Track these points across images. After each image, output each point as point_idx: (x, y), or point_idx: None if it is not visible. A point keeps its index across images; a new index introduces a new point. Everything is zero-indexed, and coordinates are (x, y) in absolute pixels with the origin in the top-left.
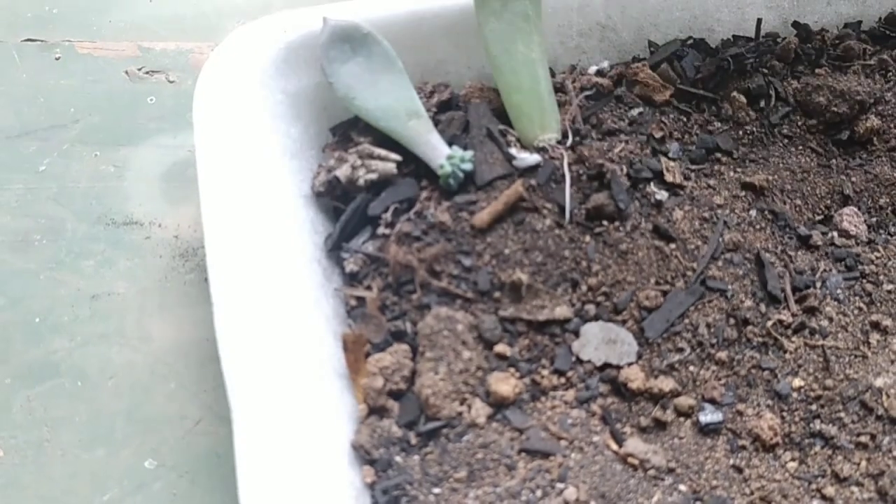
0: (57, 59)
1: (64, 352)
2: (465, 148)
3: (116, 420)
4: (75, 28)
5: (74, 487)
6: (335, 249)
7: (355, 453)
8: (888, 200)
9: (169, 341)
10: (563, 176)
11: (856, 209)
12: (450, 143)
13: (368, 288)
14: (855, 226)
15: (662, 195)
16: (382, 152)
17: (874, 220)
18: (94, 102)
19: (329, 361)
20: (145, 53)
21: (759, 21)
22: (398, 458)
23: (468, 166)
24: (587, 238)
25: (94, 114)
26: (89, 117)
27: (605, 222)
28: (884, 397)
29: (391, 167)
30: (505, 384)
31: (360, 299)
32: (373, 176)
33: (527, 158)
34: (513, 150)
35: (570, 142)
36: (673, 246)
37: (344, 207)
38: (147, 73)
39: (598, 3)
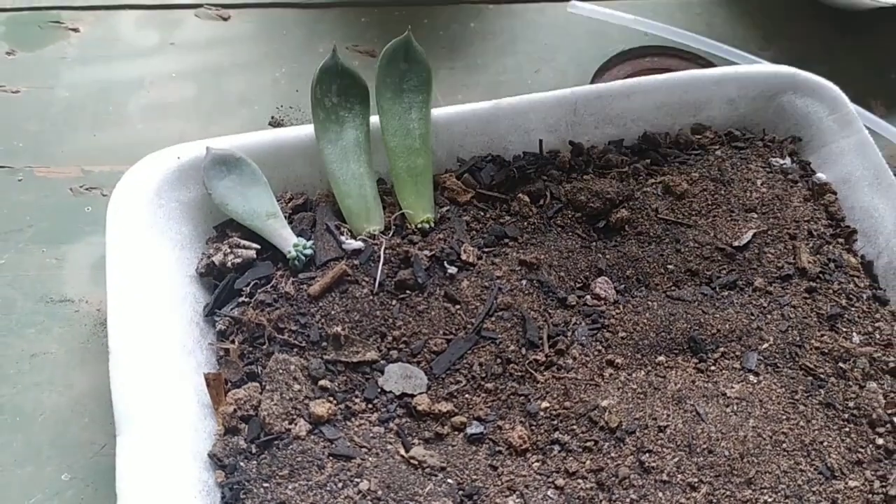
0: (19, 180)
1: (7, 396)
2: (309, 239)
3: (43, 445)
4: (35, 157)
5: (8, 495)
6: (210, 315)
7: (211, 461)
8: (633, 272)
9: (87, 388)
10: (379, 257)
11: (607, 279)
12: (300, 236)
13: (232, 342)
14: (605, 291)
15: (454, 270)
16: (246, 243)
17: (622, 286)
18: (45, 212)
19: (197, 395)
20: (87, 174)
21: (541, 141)
22: (242, 463)
23: (309, 252)
24: (394, 302)
25: (44, 221)
26: (40, 223)
27: (408, 291)
28: (606, 414)
29: (251, 254)
30: (321, 407)
31: (226, 350)
32: (238, 260)
33: (352, 244)
34: (343, 238)
35: (391, 233)
36: (458, 307)
37: (218, 283)
38: (87, 189)
39: None
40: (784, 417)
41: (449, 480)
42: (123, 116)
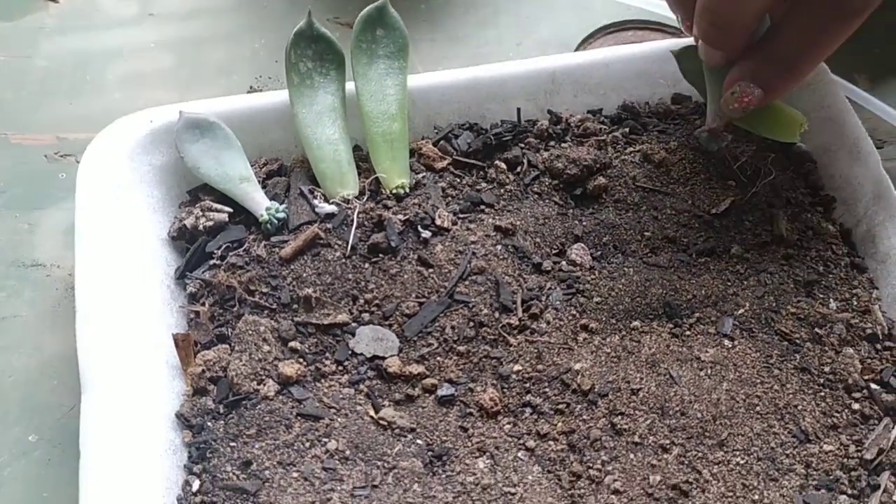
0: None
1: None
2: (283, 203)
3: (11, 407)
4: (10, 124)
5: None
6: (181, 278)
7: (178, 421)
8: (609, 238)
9: (56, 351)
10: (352, 221)
11: (583, 245)
12: (274, 200)
13: (202, 304)
14: (581, 257)
15: (428, 235)
16: (218, 206)
17: (599, 253)
18: (19, 178)
19: (166, 357)
20: (61, 142)
21: (519, 110)
22: (209, 423)
23: (282, 215)
24: (366, 266)
25: (18, 187)
26: (14, 189)
27: (381, 255)
28: (579, 377)
29: (224, 217)
30: (290, 368)
31: (197, 312)
32: (210, 223)
33: (325, 207)
34: (317, 202)
35: (366, 198)
36: (431, 270)
37: (190, 247)
38: (61, 156)
39: None
40: (758, 381)
41: (418, 441)
42: (101, 86)
